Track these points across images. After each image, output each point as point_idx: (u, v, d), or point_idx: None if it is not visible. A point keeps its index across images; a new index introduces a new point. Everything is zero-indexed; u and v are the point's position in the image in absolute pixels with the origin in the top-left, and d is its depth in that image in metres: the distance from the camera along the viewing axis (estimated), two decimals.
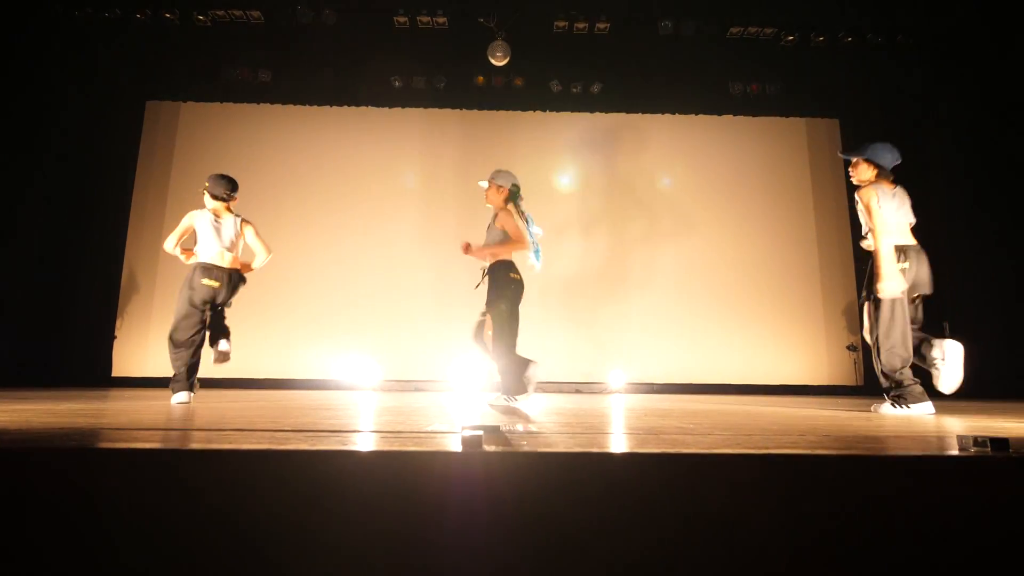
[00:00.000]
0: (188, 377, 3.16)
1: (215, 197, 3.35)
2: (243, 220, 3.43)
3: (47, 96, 6.07)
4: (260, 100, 6.88)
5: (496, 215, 3.41)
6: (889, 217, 2.91)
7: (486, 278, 3.37)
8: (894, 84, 6.76)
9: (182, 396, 3.06)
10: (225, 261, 3.30)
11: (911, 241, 2.98)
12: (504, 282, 3.27)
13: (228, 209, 3.39)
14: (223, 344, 3.38)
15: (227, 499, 0.98)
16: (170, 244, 3.33)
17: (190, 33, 6.44)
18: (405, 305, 6.55)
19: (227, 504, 0.97)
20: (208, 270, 3.24)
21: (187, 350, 3.18)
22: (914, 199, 3.06)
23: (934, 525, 1.01)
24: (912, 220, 3.02)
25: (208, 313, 3.30)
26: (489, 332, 3.29)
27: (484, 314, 3.34)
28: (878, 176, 2.98)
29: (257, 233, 3.45)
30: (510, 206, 3.40)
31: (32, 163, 5.96)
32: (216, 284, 3.24)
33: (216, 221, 3.32)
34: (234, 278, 3.34)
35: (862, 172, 3.03)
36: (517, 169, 3.64)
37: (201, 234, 3.30)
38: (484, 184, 3.48)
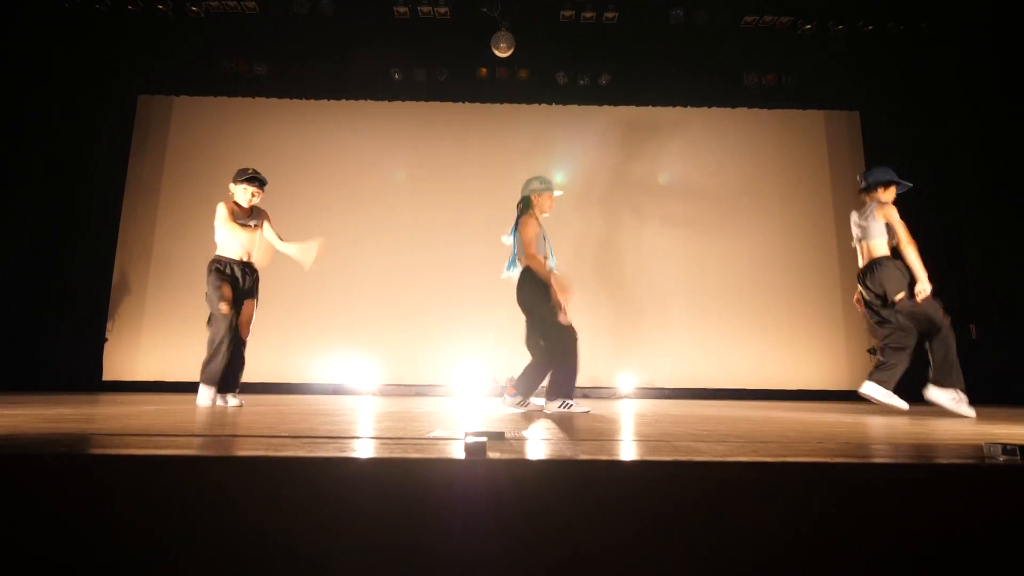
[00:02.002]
0: None
1: None
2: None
3: (35, 91, 5.87)
4: (255, 94, 6.67)
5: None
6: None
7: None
8: (917, 75, 6.49)
9: None
10: None
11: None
12: None
13: None
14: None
15: (221, 507, 0.95)
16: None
17: (183, 25, 6.30)
18: (406, 307, 6.34)
19: (221, 513, 0.95)
20: None
21: None
22: (938, 195, 3.02)
23: (961, 536, 0.96)
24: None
25: None
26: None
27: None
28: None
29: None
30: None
31: (19, 160, 5.77)
32: None
33: None
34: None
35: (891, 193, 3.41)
36: (522, 165, 3.48)
37: None
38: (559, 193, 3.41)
